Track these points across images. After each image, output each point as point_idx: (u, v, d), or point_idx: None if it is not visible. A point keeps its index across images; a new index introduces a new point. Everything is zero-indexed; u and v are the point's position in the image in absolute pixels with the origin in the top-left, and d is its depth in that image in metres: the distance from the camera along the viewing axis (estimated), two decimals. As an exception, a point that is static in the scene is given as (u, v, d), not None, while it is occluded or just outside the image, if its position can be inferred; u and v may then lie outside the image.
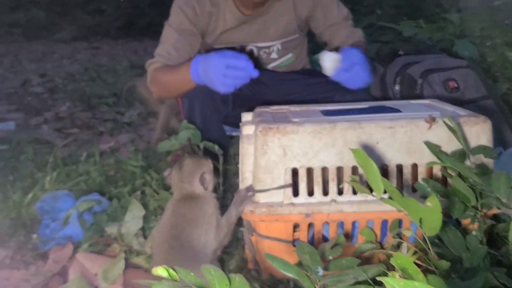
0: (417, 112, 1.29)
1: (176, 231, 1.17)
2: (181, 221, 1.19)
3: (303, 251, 0.89)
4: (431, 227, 0.87)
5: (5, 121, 3.34)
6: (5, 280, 1.38)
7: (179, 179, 1.25)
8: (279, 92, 1.89)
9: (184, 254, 1.15)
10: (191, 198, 1.23)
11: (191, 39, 1.75)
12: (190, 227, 1.18)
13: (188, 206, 1.22)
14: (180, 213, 1.21)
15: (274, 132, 1.17)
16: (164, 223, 1.23)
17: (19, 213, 1.73)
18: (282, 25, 1.82)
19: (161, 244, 1.19)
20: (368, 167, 0.92)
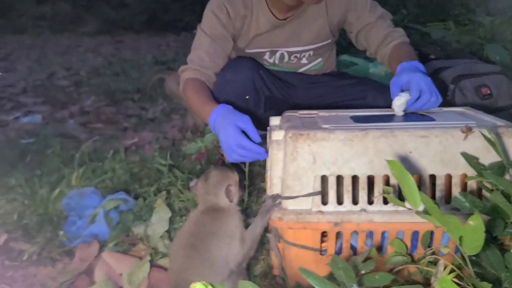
0: (452, 121, 1.25)
1: (195, 240, 1.17)
2: (202, 231, 1.18)
3: (337, 266, 0.87)
4: (472, 246, 0.84)
5: (32, 113, 3.40)
6: (32, 276, 1.40)
7: (204, 191, 1.25)
8: (310, 95, 1.88)
9: (200, 264, 1.14)
10: (215, 210, 1.22)
11: (223, 43, 1.73)
12: (210, 239, 1.17)
13: (211, 217, 1.21)
14: (201, 223, 1.20)
15: (304, 138, 1.15)
16: (185, 230, 1.22)
17: (46, 209, 1.76)
18: (314, 31, 1.78)
19: (178, 251, 1.19)
20: (405, 179, 0.89)
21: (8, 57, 6.13)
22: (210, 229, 1.18)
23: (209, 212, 1.22)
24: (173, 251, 1.23)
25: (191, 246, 1.16)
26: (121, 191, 1.78)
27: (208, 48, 1.71)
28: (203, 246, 1.16)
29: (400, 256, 1.13)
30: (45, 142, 2.56)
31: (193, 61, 1.71)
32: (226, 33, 1.73)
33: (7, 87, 4.37)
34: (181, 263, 1.16)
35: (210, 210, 1.22)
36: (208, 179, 1.26)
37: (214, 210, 1.22)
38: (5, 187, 1.93)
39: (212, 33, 1.71)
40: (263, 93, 1.76)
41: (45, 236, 1.59)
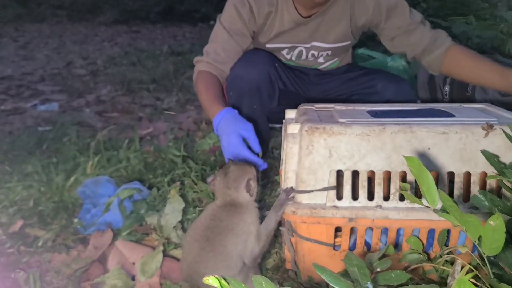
0: (472, 117, 1.22)
1: (210, 234, 1.15)
2: (218, 225, 1.16)
3: (352, 263, 0.85)
4: (491, 247, 0.81)
5: (49, 102, 3.44)
6: (46, 262, 1.41)
7: (224, 185, 1.22)
8: (322, 88, 1.87)
9: (214, 257, 1.13)
10: (233, 206, 1.20)
11: (241, 40, 1.71)
12: (226, 233, 1.15)
13: (228, 212, 1.19)
14: (218, 218, 1.18)
15: (320, 132, 1.14)
16: (200, 223, 1.21)
17: (62, 196, 1.77)
18: (336, 31, 1.75)
19: (192, 243, 1.18)
20: (423, 176, 0.88)
21: (27, 45, 6.20)
22: (227, 224, 1.17)
23: (227, 207, 1.20)
24: (186, 243, 1.22)
25: (206, 239, 1.15)
26: (135, 181, 1.78)
27: (225, 43, 1.69)
28: (219, 241, 1.15)
29: (416, 254, 1.11)
30: (62, 130, 2.59)
31: (209, 54, 1.70)
32: (245, 30, 1.71)
33: (26, 75, 4.43)
34: (194, 255, 1.15)
35: (228, 205, 1.21)
36: (228, 174, 1.23)
37: (232, 205, 1.20)
38: (22, 174, 1.95)
39: (230, 28, 1.70)
40: (277, 86, 1.74)
41: (60, 223, 1.60)
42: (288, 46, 1.79)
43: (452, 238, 1.15)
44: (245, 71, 1.66)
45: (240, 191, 1.21)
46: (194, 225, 1.24)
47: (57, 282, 1.33)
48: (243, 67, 1.67)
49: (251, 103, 1.66)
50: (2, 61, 5.15)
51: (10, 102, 3.46)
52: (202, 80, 1.67)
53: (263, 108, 1.70)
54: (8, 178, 1.91)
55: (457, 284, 0.67)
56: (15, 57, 5.37)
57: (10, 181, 1.88)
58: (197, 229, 1.19)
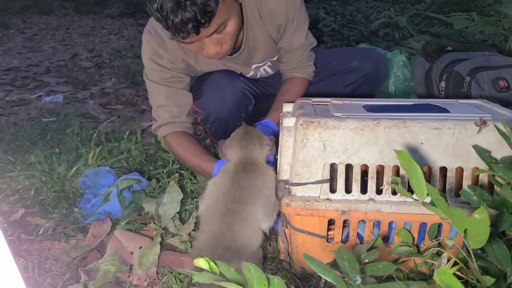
0: (466, 113, 1.23)
1: (239, 206, 1.12)
2: (243, 194, 1.13)
3: (342, 257, 0.87)
4: (476, 240, 0.83)
5: (54, 93, 3.48)
6: (46, 250, 1.44)
7: (248, 142, 1.20)
8: None
9: (244, 228, 1.11)
10: (253, 170, 1.17)
11: (180, 83, 1.69)
12: (252, 201, 1.13)
13: (250, 177, 1.16)
14: (243, 186, 1.15)
15: (315, 126, 1.15)
16: (223, 193, 1.15)
17: (63, 186, 1.80)
18: (264, 51, 1.73)
19: (217, 216, 1.13)
20: (412, 170, 0.89)
21: (34, 37, 6.25)
22: (252, 190, 1.14)
23: (247, 172, 1.17)
24: (210, 216, 1.16)
25: (233, 213, 1.12)
26: (135, 172, 1.81)
27: (169, 97, 1.67)
28: (248, 211, 1.13)
29: (406, 247, 1.13)
30: (65, 122, 2.62)
31: (162, 116, 1.68)
32: (177, 74, 1.68)
33: (32, 67, 4.47)
34: (222, 228, 1.11)
35: (248, 167, 1.17)
36: (249, 132, 1.22)
37: (252, 168, 1.17)
38: (25, 164, 1.98)
39: (163, 79, 1.66)
40: (252, 95, 1.76)
41: (61, 212, 1.63)
42: (233, 69, 1.78)
43: (444, 232, 1.17)
44: (218, 100, 1.67)
45: (264, 146, 1.20)
46: (213, 199, 1.18)
47: (56, 270, 1.36)
48: (214, 97, 1.67)
49: (234, 124, 1.67)
50: (9, 52, 5.19)
51: (15, 93, 3.50)
52: (173, 144, 1.68)
53: (246, 121, 1.72)
54: (10, 167, 1.94)
55: (438, 275, 0.68)
56: (22, 49, 5.42)
57: (13, 170, 1.91)
58: (221, 201, 1.15)
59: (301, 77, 1.75)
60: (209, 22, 1.33)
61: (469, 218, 0.84)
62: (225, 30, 1.43)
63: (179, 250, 1.44)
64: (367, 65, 1.78)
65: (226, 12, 1.38)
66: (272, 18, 1.63)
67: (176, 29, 1.32)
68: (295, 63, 1.74)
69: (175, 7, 1.27)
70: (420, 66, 2.20)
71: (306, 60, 1.75)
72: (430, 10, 3.78)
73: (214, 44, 1.44)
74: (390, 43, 3.56)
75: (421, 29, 3.66)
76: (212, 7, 1.31)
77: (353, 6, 4.87)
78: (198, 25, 1.32)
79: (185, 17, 1.28)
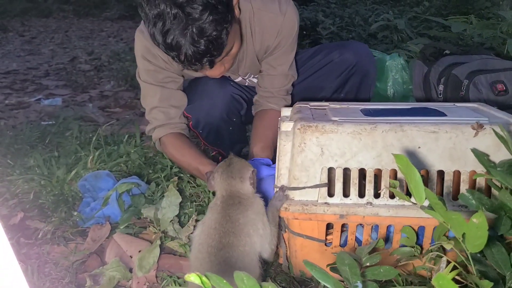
0: (464, 117, 1.23)
1: (234, 239, 1.09)
2: (236, 227, 1.10)
3: (343, 262, 0.87)
4: (475, 244, 0.83)
5: (53, 96, 3.48)
6: (45, 254, 1.44)
7: (228, 175, 1.18)
8: None
9: (241, 262, 1.08)
10: (240, 201, 1.15)
11: (175, 84, 1.67)
12: (247, 231, 1.10)
13: (239, 210, 1.13)
14: (233, 219, 1.11)
15: (312, 130, 1.16)
16: (214, 230, 1.11)
17: (62, 190, 1.80)
18: (248, 66, 1.72)
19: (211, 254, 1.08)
20: (410, 174, 0.89)
21: (33, 40, 6.25)
22: (244, 222, 1.11)
23: (235, 205, 1.14)
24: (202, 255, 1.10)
25: (228, 245, 1.08)
26: (134, 175, 1.81)
27: (163, 98, 1.65)
28: (244, 243, 1.09)
29: (408, 248, 1.13)
30: (65, 125, 2.62)
31: (157, 118, 1.67)
32: (171, 74, 1.65)
33: (31, 70, 4.48)
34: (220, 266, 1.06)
35: (235, 201, 1.15)
36: (232, 164, 1.20)
37: (238, 201, 1.15)
38: (24, 167, 1.99)
39: (157, 80, 1.64)
40: (242, 99, 1.76)
41: (60, 216, 1.63)
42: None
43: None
44: (208, 105, 1.66)
45: (245, 181, 1.18)
46: (204, 236, 1.13)
47: (55, 274, 1.36)
48: (204, 102, 1.66)
49: (226, 129, 1.70)
50: (8, 55, 5.20)
51: (14, 96, 3.51)
52: (169, 146, 1.67)
53: (239, 125, 1.75)
54: (10, 171, 1.95)
55: (436, 279, 0.69)
56: (21, 52, 5.42)
57: (12, 174, 1.91)
58: (213, 236, 1.11)
59: (277, 109, 1.69)
60: (222, 52, 1.34)
61: (467, 222, 0.85)
62: (230, 52, 1.43)
63: (178, 254, 1.44)
64: (347, 55, 1.76)
65: (232, 37, 1.39)
66: (263, 37, 1.62)
67: (189, 62, 1.32)
68: (275, 92, 1.72)
69: (189, 44, 1.26)
70: (418, 69, 2.21)
71: (284, 93, 1.74)
72: (429, 13, 3.80)
73: (218, 66, 1.44)
74: (388, 45, 3.57)
75: (419, 32, 3.68)
76: (223, 40, 1.31)
77: (351, 9, 4.89)
78: (212, 59, 1.33)
79: (200, 52, 1.28)
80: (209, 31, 1.26)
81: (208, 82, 1.70)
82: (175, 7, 1.24)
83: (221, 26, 1.28)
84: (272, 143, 1.63)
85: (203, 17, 1.25)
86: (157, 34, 1.29)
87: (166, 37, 1.27)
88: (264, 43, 1.64)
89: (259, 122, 1.73)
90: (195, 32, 1.25)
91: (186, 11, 1.24)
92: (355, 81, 1.82)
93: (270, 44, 1.63)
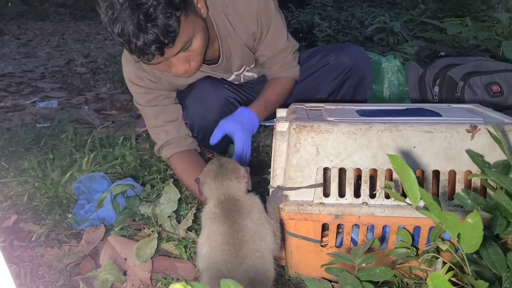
0: (459, 117, 1.24)
1: (247, 249, 1.02)
2: (245, 236, 1.03)
3: (346, 281, 0.87)
4: (470, 244, 0.83)
5: (48, 99, 3.47)
6: (39, 257, 1.43)
7: (224, 178, 1.10)
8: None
9: (263, 269, 1.03)
10: (241, 206, 1.08)
11: (168, 100, 1.69)
12: (259, 236, 1.05)
13: (244, 215, 1.06)
14: (242, 225, 1.04)
15: (308, 130, 1.15)
16: (227, 243, 1.03)
17: (56, 192, 1.79)
18: (239, 59, 1.71)
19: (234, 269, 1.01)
20: (405, 174, 0.89)
21: (29, 43, 6.24)
22: (252, 227, 1.05)
23: (238, 211, 1.07)
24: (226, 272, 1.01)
25: (249, 257, 1.02)
26: (129, 177, 1.80)
27: (157, 116, 1.68)
28: (259, 247, 1.04)
29: (404, 249, 1.13)
30: (60, 127, 2.61)
31: (159, 138, 1.70)
32: (161, 91, 1.67)
33: (27, 72, 4.47)
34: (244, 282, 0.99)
35: (236, 207, 1.07)
36: (223, 165, 1.12)
37: (239, 205, 1.08)
38: (18, 170, 1.97)
39: (149, 100, 1.67)
40: (237, 101, 1.75)
41: (54, 218, 1.62)
42: (217, 77, 1.76)
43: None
44: (202, 109, 1.66)
45: (241, 181, 1.12)
46: (218, 254, 1.03)
47: (48, 277, 1.35)
48: (199, 106, 1.66)
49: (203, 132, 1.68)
50: (4, 58, 5.18)
51: (10, 99, 3.50)
52: (174, 167, 1.69)
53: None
54: (4, 173, 1.93)
55: (431, 279, 0.68)
56: (17, 55, 5.41)
57: (6, 176, 1.90)
58: (230, 251, 1.02)
59: (286, 77, 1.73)
60: (173, 42, 1.31)
61: (462, 222, 0.84)
62: (191, 47, 1.40)
63: (173, 256, 1.43)
64: (343, 58, 1.75)
65: (190, 29, 1.36)
66: (244, 26, 1.60)
67: (140, 52, 1.30)
68: (279, 67, 1.72)
69: (136, 31, 1.25)
70: (414, 71, 2.22)
71: (290, 61, 1.72)
72: (424, 16, 3.81)
73: (182, 63, 1.42)
74: (384, 48, 3.58)
75: (415, 34, 3.69)
76: (174, 27, 1.28)
77: (348, 12, 4.90)
78: (162, 46, 1.30)
79: (148, 39, 1.26)
80: (154, 15, 1.24)
81: (202, 85, 1.69)
82: None
83: (170, 11, 1.26)
84: (267, 101, 1.64)
85: (149, 2, 1.23)
86: (108, 24, 1.28)
87: (114, 26, 1.26)
88: (249, 31, 1.62)
89: (265, 85, 1.72)
90: (141, 18, 1.24)
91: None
92: (351, 84, 1.81)
93: (255, 30, 1.62)
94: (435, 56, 2.17)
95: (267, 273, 1.05)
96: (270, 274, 1.06)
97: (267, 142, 2.22)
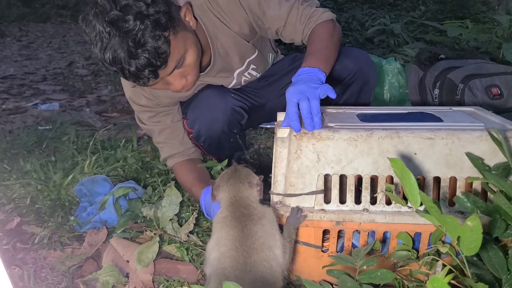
0: (460, 122, 1.24)
1: (256, 258, 1.02)
2: (257, 241, 1.04)
3: (346, 284, 0.88)
4: (470, 247, 0.84)
5: (50, 101, 3.48)
6: (42, 259, 1.44)
7: (236, 181, 1.13)
8: (277, 85, 1.86)
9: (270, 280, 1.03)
10: (253, 213, 1.08)
11: (168, 116, 1.71)
12: (268, 246, 1.05)
13: (255, 221, 1.07)
14: (251, 233, 1.04)
15: (309, 137, 1.16)
16: (236, 248, 1.03)
17: (59, 194, 1.80)
18: (237, 53, 1.67)
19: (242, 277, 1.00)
20: (406, 178, 0.90)
21: (30, 45, 6.25)
22: (261, 236, 1.05)
23: (249, 216, 1.07)
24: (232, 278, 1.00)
25: (256, 265, 1.02)
26: (131, 180, 1.81)
27: (160, 134, 1.72)
28: (267, 257, 1.04)
29: (405, 252, 1.14)
30: (62, 130, 2.62)
31: (163, 151, 1.75)
32: (160, 108, 1.70)
33: (28, 75, 4.47)
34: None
35: (248, 212, 1.08)
36: (237, 171, 1.16)
37: (250, 211, 1.09)
38: (20, 172, 1.98)
39: (149, 118, 1.71)
40: (243, 109, 1.74)
41: (57, 221, 1.63)
42: (218, 83, 1.75)
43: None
44: (209, 119, 1.65)
45: (253, 187, 1.13)
46: (227, 259, 1.04)
47: (51, 279, 1.36)
48: (205, 116, 1.65)
49: (227, 140, 1.69)
50: (5, 60, 5.20)
51: (11, 101, 3.51)
52: (176, 174, 1.74)
53: (239, 134, 1.74)
54: (6, 176, 1.95)
55: (431, 282, 0.69)
56: (18, 57, 5.42)
57: (9, 179, 1.91)
58: (238, 257, 1.03)
59: (317, 25, 1.52)
60: (165, 62, 1.31)
61: (462, 225, 0.85)
62: (185, 63, 1.40)
63: (175, 258, 1.44)
64: (347, 63, 1.70)
65: (181, 46, 1.36)
66: (231, 16, 1.57)
67: (135, 77, 1.31)
68: (300, 25, 1.54)
69: (127, 58, 1.25)
70: (414, 73, 2.23)
71: (307, 12, 1.54)
72: (425, 18, 3.83)
73: (178, 79, 1.42)
74: (385, 50, 3.59)
75: (415, 36, 3.70)
76: (164, 48, 1.28)
77: (348, 13, 4.91)
78: (155, 69, 1.30)
79: (140, 64, 1.27)
80: (143, 40, 1.25)
81: (209, 94, 1.69)
82: (108, 26, 1.24)
83: (158, 33, 1.26)
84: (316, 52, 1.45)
85: (136, 27, 1.24)
86: (99, 54, 1.29)
87: (105, 55, 1.27)
88: (238, 19, 1.58)
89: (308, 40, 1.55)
90: (131, 45, 1.24)
91: (119, 25, 1.24)
92: (355, 88, 1.80)
93: (245, 15, 1.57)
94: (435, 58, 2.18)
95: (275, 285, 1.04)
96: (278, 286, 1.05)
97: (268, 144, 2.23)
